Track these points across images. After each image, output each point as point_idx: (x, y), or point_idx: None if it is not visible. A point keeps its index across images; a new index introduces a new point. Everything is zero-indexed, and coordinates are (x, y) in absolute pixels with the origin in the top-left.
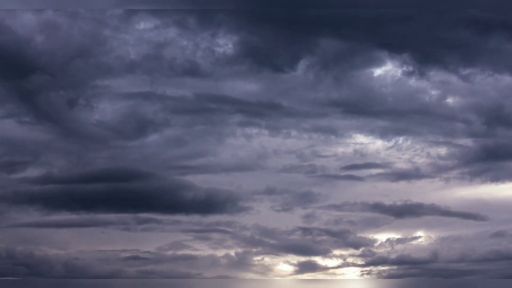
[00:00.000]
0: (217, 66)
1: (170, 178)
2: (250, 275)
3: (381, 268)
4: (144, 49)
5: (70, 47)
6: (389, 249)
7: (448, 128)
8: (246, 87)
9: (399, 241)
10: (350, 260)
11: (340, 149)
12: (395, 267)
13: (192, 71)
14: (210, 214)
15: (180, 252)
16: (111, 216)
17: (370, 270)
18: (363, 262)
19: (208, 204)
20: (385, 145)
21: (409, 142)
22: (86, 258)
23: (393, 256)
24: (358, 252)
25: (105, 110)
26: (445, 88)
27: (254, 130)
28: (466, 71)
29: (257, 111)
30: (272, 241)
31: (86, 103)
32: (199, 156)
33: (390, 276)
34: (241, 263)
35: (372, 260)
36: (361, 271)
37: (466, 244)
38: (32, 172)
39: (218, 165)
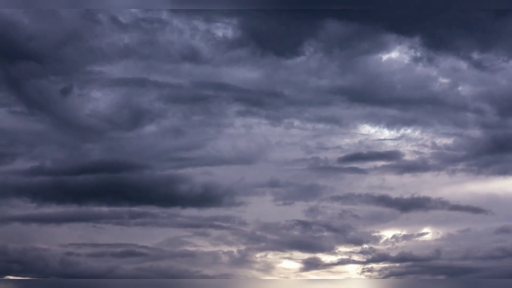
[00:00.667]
0: (216, 51)
1: (166, 171)
2: (253, 273)
3: (386, 265)
4: (138, 33)
5: (60, 31)
6: (394, 245)
7: (459, 118)
8: (246, 74)
9: (405, 237)
10: (355, 257)
11: (345, 140)
12: (398, 264)
13: (190, 56)
14: (209, 208)
15: (178, 249)
16: (104, 210)
17: (372, 268)
18: (366, 259)
19: (207, 198)
20: (393, 136)
21: (417, 133)
22: (81, 253)
23: (398, 253)
24: (363, 248)
25: (99, 100)
26: (456, 75)
27: (254, 120)
28: (479, 57)
29: (258, 100)
30: (274, 237)
31: (80, 92)
32: (197, 148)
33: (395, 274)
34: (243, 260)
35: (377, 257)
36: (363, 268)
37: (474, 240)
38: (22, 164)
39: (217, 157)
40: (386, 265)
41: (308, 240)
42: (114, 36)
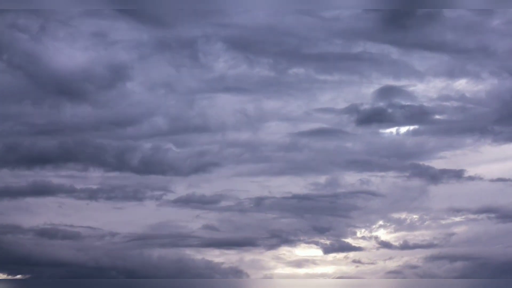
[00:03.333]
0: None
1: (150, 134)
2: (261, 262)
3: (411, 252)
4: None
5: None
6: (422, 231)
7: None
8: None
9: (434, 219)
10: (374, 243)
11: (369, 94)
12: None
13: None
14: (203, 181)
15: (167, 231)
16: (74, 177)
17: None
18: (394, 244)
19: (199, 168)
20: (432, 89)
21: (464, 82)
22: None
23: (428, 238)
24: (386, 232)
25: (73, 51)
26: None
27: (257, 69)
28: None
29: (261, 46)
30: (286, 217)
31: (52, 43)
32: (187, 110)
33: (409, 264)
34: (251, 247)
35: (403, 243)
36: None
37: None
38: None
39: (210, 122)
40: (417, 251)
41: (331, 220)
42: None
